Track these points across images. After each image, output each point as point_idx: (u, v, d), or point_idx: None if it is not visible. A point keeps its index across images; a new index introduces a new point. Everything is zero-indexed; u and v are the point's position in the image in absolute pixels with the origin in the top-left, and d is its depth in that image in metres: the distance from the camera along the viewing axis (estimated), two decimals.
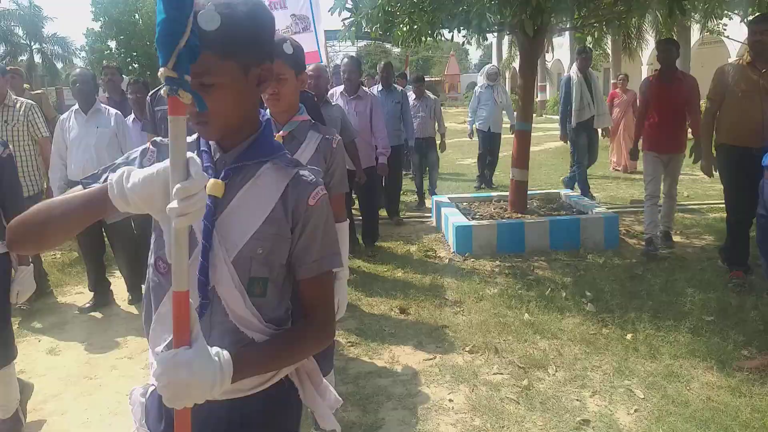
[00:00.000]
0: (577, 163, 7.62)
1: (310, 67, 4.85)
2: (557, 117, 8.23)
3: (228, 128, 1.18)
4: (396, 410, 3.08)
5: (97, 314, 4.58)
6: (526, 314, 4.12)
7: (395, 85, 6.93)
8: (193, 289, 1.11)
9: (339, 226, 2.42)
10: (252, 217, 1.18)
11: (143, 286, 1.39)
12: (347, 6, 5.37)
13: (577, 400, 3.08)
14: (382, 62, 7.19)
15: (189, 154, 0.98)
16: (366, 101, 5.49)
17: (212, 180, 1.15)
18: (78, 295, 4.98)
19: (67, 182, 4.51)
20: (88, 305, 4.64)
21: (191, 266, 1.09)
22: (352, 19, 5.53)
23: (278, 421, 1.31)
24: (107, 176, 1.12)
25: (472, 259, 5.44)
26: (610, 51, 20.21)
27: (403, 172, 7.83)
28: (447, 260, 5.50)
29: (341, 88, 5.64)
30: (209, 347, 1.06)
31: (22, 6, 33.78)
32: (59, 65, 36.96)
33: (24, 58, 34.78)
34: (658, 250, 5.27)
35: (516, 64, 26.48)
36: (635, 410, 2.95)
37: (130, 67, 21.33)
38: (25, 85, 7.61)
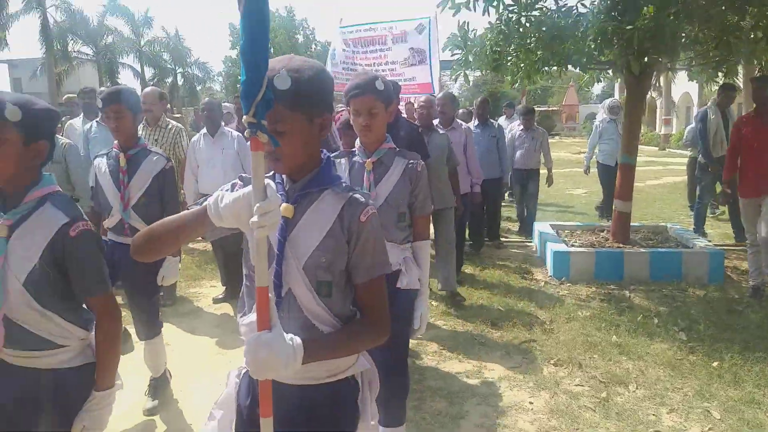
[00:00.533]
0: (699, 199, 7.46)
1: (421, 98, 5.32)
2: (680, 151, 8.00)
3: (296, 164, 1.47)
4: (479, 405, 3.41)
5: (228, 306, 5.31)
6: (614, 336, 4.29)
7: (491, 120, 7.24)
8: (270, 289, 1.36)
9: (422, 244, 2.76)
10: (316, 232, 1.46)
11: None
12: (457, 44, 5.77)
13: (653, 415, 3.25)
14: (479, 99, 7.49)
15: (267, 180, 1.27)
16: (460, 133, 5.70)
17: (284, 204, 1.42)
18: (212, 288, 5.77)
19: (198, 195, 5.15)
20: (220, 297, 5.40)
21: (269, 272, 1.39)
22: (460, 57, 5.94)
23: (340, 412, 1.56)
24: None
25: (569, 284, 5.61)
26: (741, 84, 18.97)
27: (506, 200, 8.01)
28: (543, 283, 5.71)
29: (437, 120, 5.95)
30: (284, 333, 1.32)
31: (170, 35, 37.73)
32: (198, 87, 40.72)
33: (169, 80, 38.80)
34: (764, 293, 5.13)
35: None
36: (709, 428, 3.08)
37: None
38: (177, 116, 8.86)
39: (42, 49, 28.59)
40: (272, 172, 1.50)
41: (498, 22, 5.62)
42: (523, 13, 5.18)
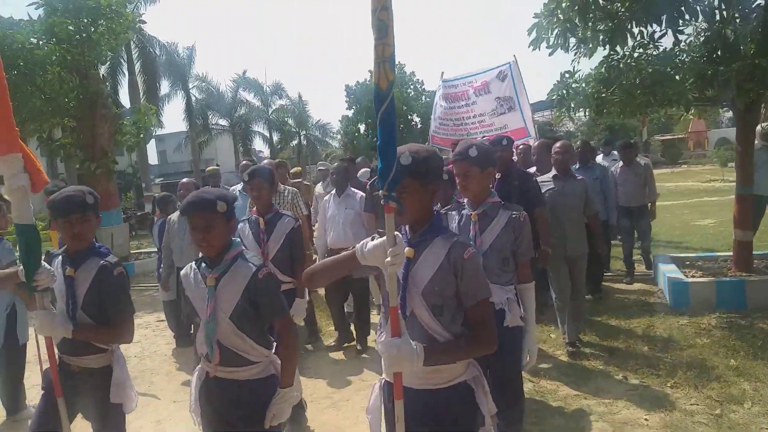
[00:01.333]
0: None
1: (557, 145, 5.16)
2: None
3: (415, 219, 2.05)
4: (597, 422, 3.79)
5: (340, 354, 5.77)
6: (732, 360, 4.45)
7: (594, 161, 7.15)
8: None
9: (527, 286, 3.16)
10: (430, 268, 2.00)
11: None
12: (559, 92, 6.19)
13: (767, 429, 3.45)
14: (579, 141, 7.31)
15: (396, 233, 1.84)
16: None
17: (407, 248, 1.96)
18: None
19: (327, 250, 5.90)
20: (332, 343, 5.91)
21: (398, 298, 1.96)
22: (563, 102, 6.31)
23: (458, 411, 2.05)
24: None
25: (689, 314, 5.73)
26: None
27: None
28: (662, 313, 5.87)
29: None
30: (410, 340, 1.87)
31: (293, 101, 40.91)
32: (318, 147, 43.51)
33: (294, 143, 41.93)
34: None
35: None
36: None
37: (377, 144, 24.57)
38: (295, 169, 9.90)
39: (186, 124, 32.42)
40: (399, 226, 2.07)
41: (599, 66, 6.04)
42: (623, 60, 5.57)
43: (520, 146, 5.63)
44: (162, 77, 27.91)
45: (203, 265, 2.48)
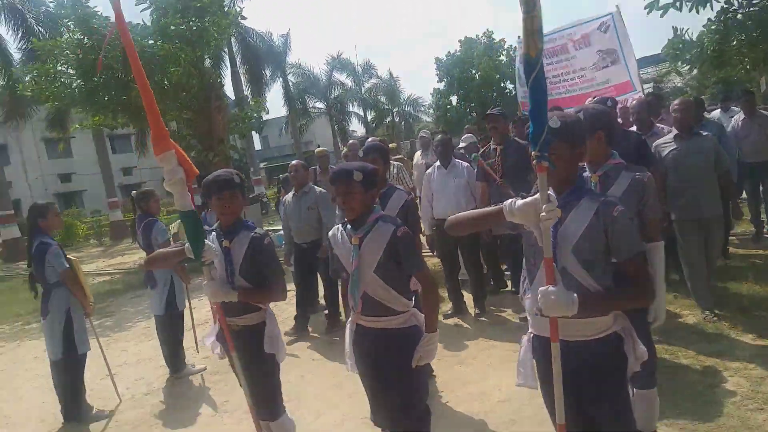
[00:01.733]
0: None
1: (675, 103, 4.94)
2: None
3: (563, 181, 2.18)
4: (732, 377, 3.78)
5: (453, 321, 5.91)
6: None
7: (707, 119, 6.71)
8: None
9: (654, 245, 3.03)
10: (579, 226, 2.13)
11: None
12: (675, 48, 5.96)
13: None
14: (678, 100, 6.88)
15: (550, 191, 2.01)
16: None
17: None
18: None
19: (434, 220, 5.87)
20: (449, 311, 6.03)
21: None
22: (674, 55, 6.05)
23: (611, 362, 2.17)
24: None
25: None
26: None
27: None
28: None
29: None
30: (562, 288, 2.03)
31: (384, 79, 41.14)
32: (411, 122, 43.57)
33: (388, 120, 42.30)
34: None
35: None
36: None
37: (468, 117, 24.36)
38: (391, 145, 9.89)
39: (285, 109, 33.70)
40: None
41: (716, 19, 5.77)
42: (741, 10, 5.31)
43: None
44: (263, 66, 29.12)
45: (348, 227, 2.80)
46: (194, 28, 11.13)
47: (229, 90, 24.87)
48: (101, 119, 12.00)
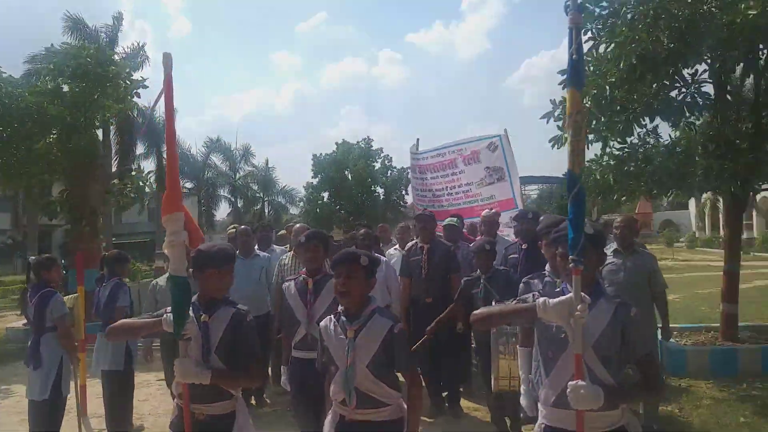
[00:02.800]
0: None
1: (618, 219, 5.24)
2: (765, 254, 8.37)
3: (588, 283, 2.35)
4: None
5: None
6: (741, 418, 4.94)
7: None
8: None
9: None
10: (599, 325, 2.33)
11: None
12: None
13: None
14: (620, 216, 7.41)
15: (583, 294, 2.23)
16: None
17: None
18: None
19: None
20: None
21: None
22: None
23: None
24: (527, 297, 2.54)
25: (687, 378, 6.24)
26: None
27: None
28: (664, 378, 6.33)
29: None
30: (590, 383, 2.20)
31: (260, 167, 41.16)
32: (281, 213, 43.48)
33: (257, 207, 41.78)
34: None
35: None
36: None
37: (338, 214, 25.26)
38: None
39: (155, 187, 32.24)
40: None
41: (605, 156, 6.77)
42: (633, 151, 6.38)
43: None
44: (138, 139, 28.00)
45: (342, 318, 2.74)
46: (90, 93, 10.65)
47: None
48: None
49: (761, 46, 6.02)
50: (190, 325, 2.66)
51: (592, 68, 6.29)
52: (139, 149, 29.73)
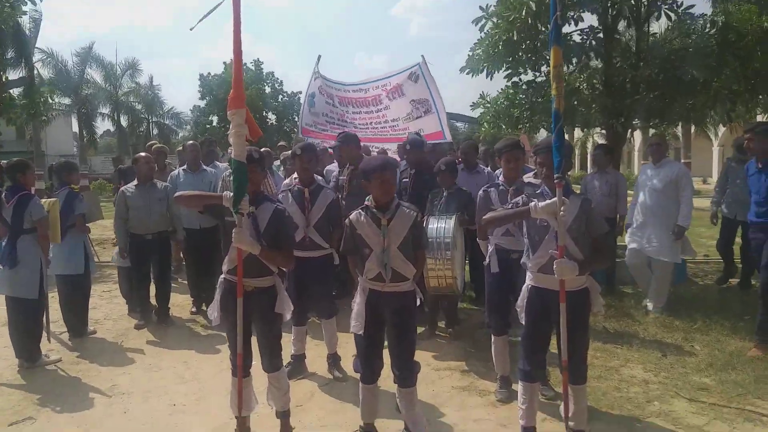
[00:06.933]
0: None
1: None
2: None
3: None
4: None
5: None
6: None
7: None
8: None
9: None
10: (570, 214, 3.12)
11: None
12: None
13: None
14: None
15: (564, 197, 3.06)
16: (483, 176, 6.35)
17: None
18: None
19: None
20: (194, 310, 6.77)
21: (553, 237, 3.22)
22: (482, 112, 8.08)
23: (586, 303, 3.30)
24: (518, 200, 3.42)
25: None
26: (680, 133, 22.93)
27: None
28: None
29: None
30: (568, 259, 3.07)
31: (143, 85, 38.66)
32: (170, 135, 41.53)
33: (142, 130, 39.48)
34: None
35: None
36: None
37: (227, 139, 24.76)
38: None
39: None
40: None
41: (510, 90, 7.73)
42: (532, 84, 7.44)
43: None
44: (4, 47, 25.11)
45: (373, 210, 3.34)
46: None
47: None
48: None
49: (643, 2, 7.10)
50: (244, 203, 3.21)
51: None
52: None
